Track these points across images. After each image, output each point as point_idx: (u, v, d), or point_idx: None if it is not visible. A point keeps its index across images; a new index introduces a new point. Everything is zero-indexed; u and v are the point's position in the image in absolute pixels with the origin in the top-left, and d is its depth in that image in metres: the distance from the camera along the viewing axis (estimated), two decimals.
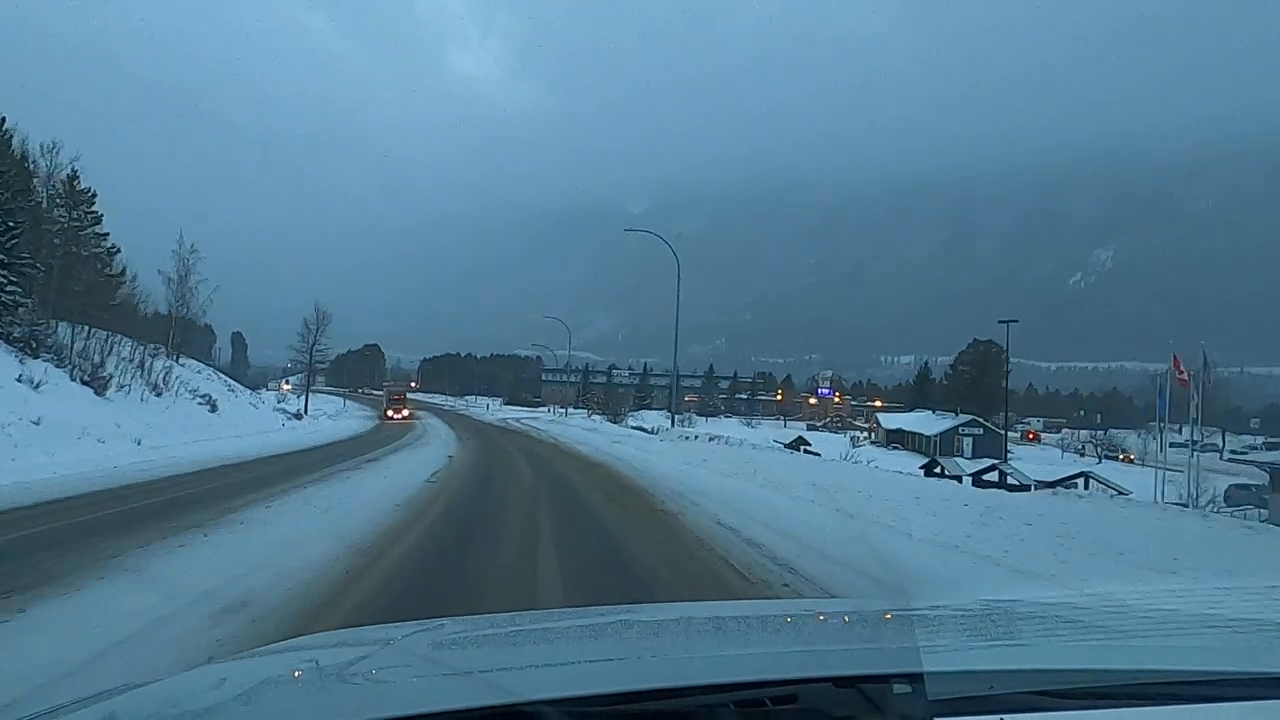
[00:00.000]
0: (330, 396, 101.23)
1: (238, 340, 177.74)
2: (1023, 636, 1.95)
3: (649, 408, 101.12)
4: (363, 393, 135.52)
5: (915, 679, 1.23)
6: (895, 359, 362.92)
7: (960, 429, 65.37)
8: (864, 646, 1.84)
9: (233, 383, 57.20)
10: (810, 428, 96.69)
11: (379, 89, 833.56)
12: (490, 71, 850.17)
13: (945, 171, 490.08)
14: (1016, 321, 48.35)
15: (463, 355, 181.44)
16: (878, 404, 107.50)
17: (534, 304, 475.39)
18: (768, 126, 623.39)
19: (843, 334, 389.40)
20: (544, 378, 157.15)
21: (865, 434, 75.54)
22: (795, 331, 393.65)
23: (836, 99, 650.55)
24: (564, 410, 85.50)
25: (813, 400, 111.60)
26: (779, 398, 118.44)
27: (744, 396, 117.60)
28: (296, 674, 1.64)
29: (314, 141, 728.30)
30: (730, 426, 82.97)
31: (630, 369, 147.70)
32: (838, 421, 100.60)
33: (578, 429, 49.92)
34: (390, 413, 59.22)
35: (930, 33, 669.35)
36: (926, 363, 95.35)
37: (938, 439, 64.18)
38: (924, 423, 69.83)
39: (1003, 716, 1.19)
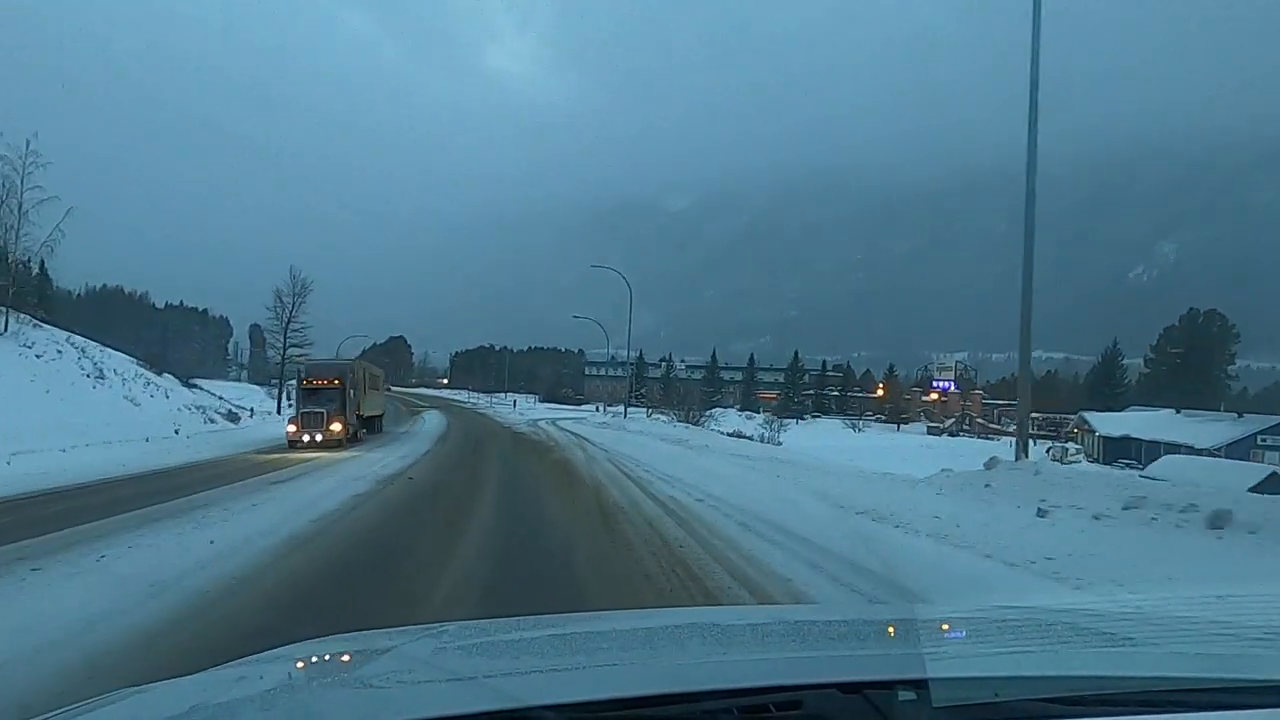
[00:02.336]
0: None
1: (255, 334, 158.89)
2: (1029, 643, 1.86)
3: (719, 404, 77.95)
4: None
5: (920, 685, 1.21)
6: (948, 356, 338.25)
7: (1260, 438, 41.14)
8: (869, 652, 1.77)
9: (122, 369, 37.19)
10: (932, 430, 73.04)
11: (415, 84, 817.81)
12: (528, 66, 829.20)
13: (999, 162, 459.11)
14: None
15: (496, 348, 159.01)
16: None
17: (571, 301, 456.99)
18: (812, 121, 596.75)
19: (891, 330, 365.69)
20: (587, 371, 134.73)
21: (1073, 446, 50.91)
22: (842, 328, 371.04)
23: (886, 90, 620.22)
24: (616, 409, 62.54)
25: (933, 395, 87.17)
26: (881, 393, 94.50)
27: (835, 393, 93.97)
28: (302, 679, 1.63)
29: (349, 136, 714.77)
30: (834, 431, 60.37)
31: (684, 362, 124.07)
32: (966, 424, 76.64)
33: (665, 445, 27.26)
34: (295, 429, 25.93)
35: (979, 18, 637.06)
36: (1115, 343, 71.80)
37: (1220, 454, 39.98)
38: (1175, 427, 45.34)
39: None
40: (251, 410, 51.98)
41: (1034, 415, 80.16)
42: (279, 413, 53.87)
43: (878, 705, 1.19)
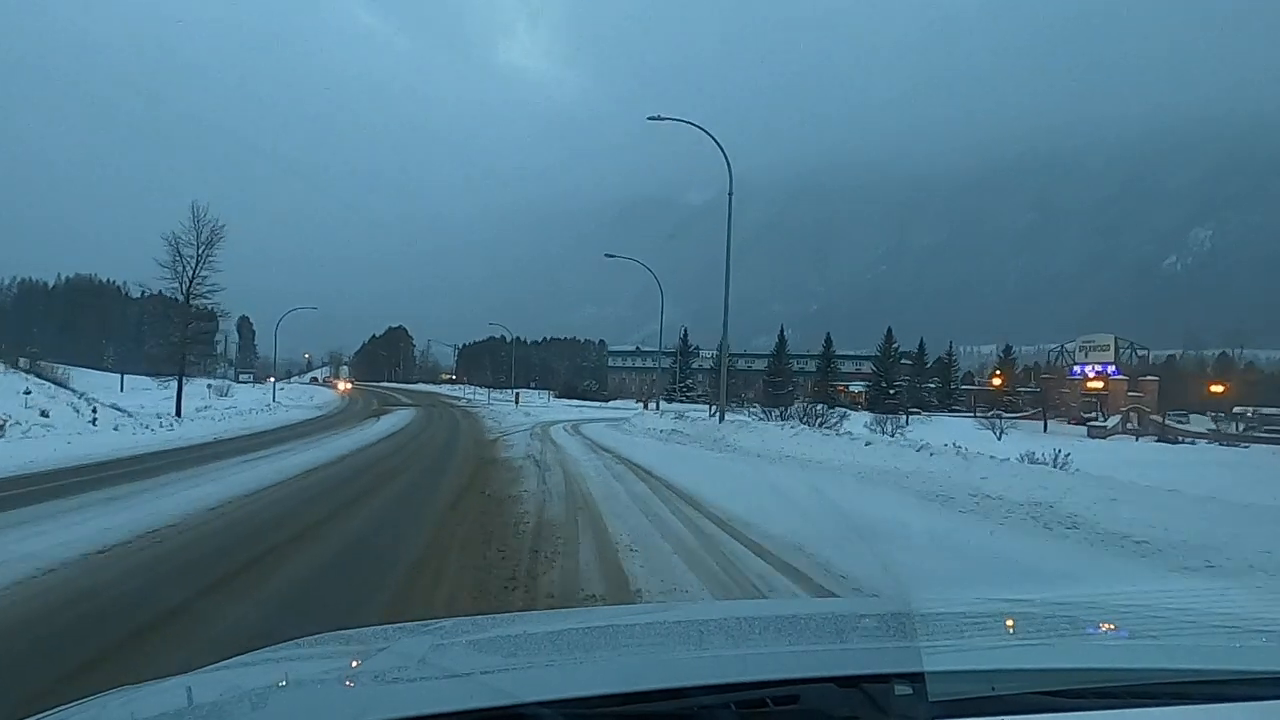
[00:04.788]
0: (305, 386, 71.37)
1: (244, 326, 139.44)
2: (1026, 636, 1.81)
3: (789, 397, 55.94)
4: (354, 383, 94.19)
5: (917, 679, 1.17)
6: (975, 349, 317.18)
7: None
8: (866, 646, 1.71)
9: None
10: (1094, 431, 50.88)
11: (427, 81, 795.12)
12: (542, 63, 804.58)
13: (1029, 150, 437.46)
14: None
15: (507, 340, 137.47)
16: (1217, 389, 60.52)
17: (590, 296, 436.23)
18: (835, 114, 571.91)
19: (917, 323, 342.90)
20: (610, 363, 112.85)
21: None
22: (865, 321, 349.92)
23: (910, 82, 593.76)
24: (672, 407, 40.78)
25: (1094, 382, 63.69)
26: (998, 382, 71.84)
27: (934, 384, 71.59)
28: (297, 676, 1.60)
29: (357, 134, 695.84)
30: (977, 434, 39.42)
31: (717, 352, 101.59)
32: (1135, 420, 54.32)
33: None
34: None
35: (1003, 9, 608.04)
36: None
37: None
38: None
39: (1005, 717, 1.15)
40: (95, 412, 31.39)
41: (1244, 410, 57.65)
42: (178, 414, 33.91)
43: (874, 699, 1.15)
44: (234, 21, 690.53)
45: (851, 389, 76.70)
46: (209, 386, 53.43)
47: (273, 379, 58.50)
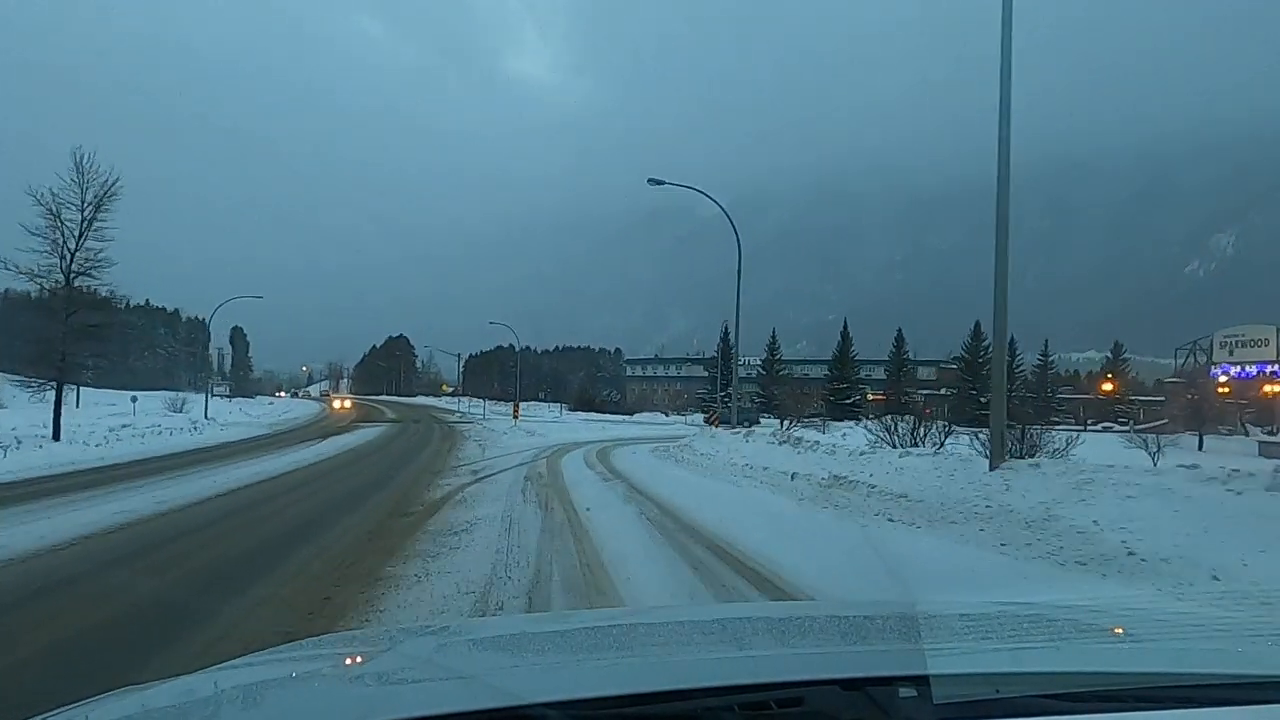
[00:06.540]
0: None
1: (238, 337, 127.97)
2: (1030, 639, 1.80)
3: (857, 410, 43.60)
4: (329, 397, 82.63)
5: (921, 681, 1.16)
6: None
7: None
8: (869, 648, 1.70)
9: None
10: (1266, 449, 38.53)
11: (449, 94, 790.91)
12: (551, 75, 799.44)
13: (1045, 155, 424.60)
14: None
15: (517, 349, 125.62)
16: None
17: (605, 307, 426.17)
18: (850, 116, 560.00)
19: (933, 331, 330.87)
20: (629, 371, 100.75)
21: None
22: (883, 330, 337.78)
23: (924, 81, 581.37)
24: (734, 422, 28.62)
25: (1269, 385, 50.07)
26: (1110, 387, 59.76)
27: (1032, 395, 59.30)
28: (302, 676, 1.59)
29: (380, 145, 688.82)
30: (1130, 453, 26.74)
31: (753, 358, 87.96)
32: None
33: None
34: None
35: (1020, 6, 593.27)
36: None
37: None
38: None
39: None
40: None
41: None
42: (55, 436, 22.16)
43: (879, 702, 1.13)
44: (237, 21, 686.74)
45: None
46: (134, 399, 42.19)
47: (280, 392, 47.35)
